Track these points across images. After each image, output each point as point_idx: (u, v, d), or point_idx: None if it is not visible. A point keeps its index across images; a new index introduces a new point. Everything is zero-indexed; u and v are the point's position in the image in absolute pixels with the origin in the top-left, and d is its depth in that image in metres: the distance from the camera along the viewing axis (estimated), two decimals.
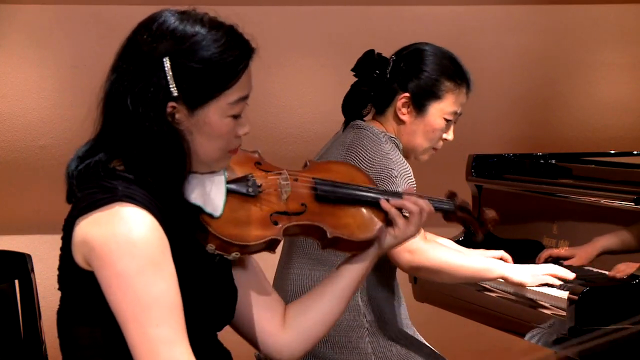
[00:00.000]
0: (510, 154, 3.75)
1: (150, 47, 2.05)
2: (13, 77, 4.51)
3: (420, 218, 2.29)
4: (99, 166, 2.05)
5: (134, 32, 2.12)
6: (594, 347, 2.77)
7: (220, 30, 2.08)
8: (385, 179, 2.92)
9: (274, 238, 2.14)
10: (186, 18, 2.09)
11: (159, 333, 1.93)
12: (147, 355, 1.93)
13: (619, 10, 4.94)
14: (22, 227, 4.56)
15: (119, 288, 1.94)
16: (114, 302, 1.95)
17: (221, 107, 2.06)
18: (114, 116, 2.07)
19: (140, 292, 1.93)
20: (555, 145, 4.84)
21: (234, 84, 2.06)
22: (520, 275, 3.03)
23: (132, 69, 2.06)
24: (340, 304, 2.26)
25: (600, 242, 3.10)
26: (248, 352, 2.53)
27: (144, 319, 1.93)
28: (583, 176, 3.39)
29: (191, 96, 2.04)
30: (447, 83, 3.09)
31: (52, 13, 4.52)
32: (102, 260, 1.95)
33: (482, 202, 3.64)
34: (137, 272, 1.93)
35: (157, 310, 1.94)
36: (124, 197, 1.98)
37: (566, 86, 4.97)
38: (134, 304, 1.93)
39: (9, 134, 4.52)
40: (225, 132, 2.08)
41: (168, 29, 2.07)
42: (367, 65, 3.11)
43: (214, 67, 2.04)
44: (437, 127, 3.09)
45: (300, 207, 2.21)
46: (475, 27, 4.84)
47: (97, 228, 1.96)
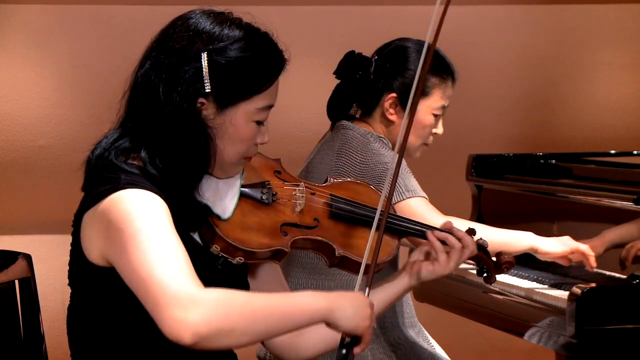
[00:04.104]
0: (510, 154, 3.75)
1: (187, 41, 2.06)
2: (13, 77, 4.51)
3: (460, 256, 2.25)
4: (107, 158, 2.05)
5: (169, 27, 2.12)
6: (594, 347, 2.77)
7: (256, 35, 2.10)
8: (381, 173, 2.91)
9: (280, 249, 2.12)
10: (222, 19, 2.10)
11: (166, 271, 1.87)
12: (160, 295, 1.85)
13: (619, 10, 4.94)
14: (22, 227, 4.56)
15: (135, 243, 1.90)
16: (127, 262, 1.90)
17: (249, 111, 2.07)
18: (142, 105, 2.07)
19: (152, 240, 1.90)
20: (555, 145, 4.84)
21: (265, 90, 2.08)
22: (550, 245, 2.99)
23: (167, 61, 2.06)
24: None
25: (608, 235, 3.08)
26: (248, 352, 2.53)
27: (153, 262, 1.88)
28: (583, 176, 3.39)
29: (223, 94, 2.05)
30: (433, 79, 3.06)
31: (52, 13, 4.52)
32: (119, 225, 1.92)
33: (482, 202, 3.64)
34: (150, 225, 1.91)
35: (168, 254, 1.90)
36: (126, 184, 1.98)
37: (566, 86, 4.97)
38: (146, 253, 1.89)
39: (8, 134, 4.52)
40: (248, 137, 2.09)
41: (205, 28, 2.08)
42: (349, 66, 3.07)
43: (249, 68, 2.06)
44: (427, 123, 3.07)
45: (312, 221, 2.19)
46: (475, 27, 4.84)
47: (107, 210, 1.96)
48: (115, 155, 2.05)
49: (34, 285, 2.66)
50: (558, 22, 4.94)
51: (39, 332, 2.63)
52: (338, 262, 2.20)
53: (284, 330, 1.95)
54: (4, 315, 2.59)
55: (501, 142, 4.81)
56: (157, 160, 2.04)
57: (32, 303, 2.63)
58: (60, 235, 4.51)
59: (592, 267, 2.99)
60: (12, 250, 2.72)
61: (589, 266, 2.99)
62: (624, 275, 2.90)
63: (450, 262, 2.24)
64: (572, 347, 2.78)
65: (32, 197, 4.56)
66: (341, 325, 1.98)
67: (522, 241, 3.00)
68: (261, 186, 2.17)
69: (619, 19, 4.94)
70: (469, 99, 4.73)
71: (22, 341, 2.62)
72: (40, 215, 4.56)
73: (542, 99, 4.96)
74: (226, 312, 1.85)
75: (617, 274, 2.95)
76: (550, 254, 2.99)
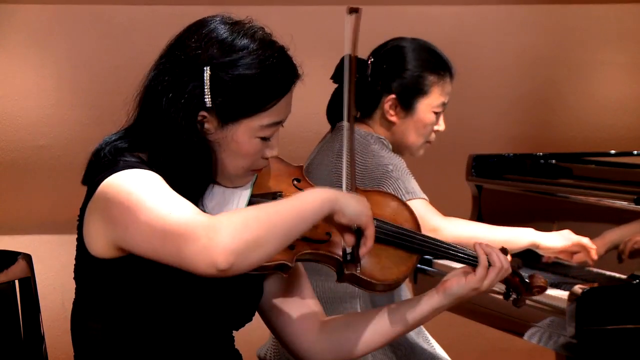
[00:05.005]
0: (510, 154, 3.75)
1: (195, 52, 2.03)
2: (13, 77, 4.51)
3: (497, 274, 2.15)
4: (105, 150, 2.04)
5: (183, 32, 2.08)
6: (594, 347, 2.77)
7: (269, 50, 2.05)
8: (381, 175, 2.91)
9: (284, 263, 2.05)
10: (238, 30, 2.06)
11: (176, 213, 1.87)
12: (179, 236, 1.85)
13: (619, 10, 4.94)
14: (22, 227, 4.56)
15: (139, 207, 1.90)
16: (137, 228, 1.90)
17: (252, 128, 2.04)
18: (146, 111, 2.06)
19: (154, 198, 1.90)
20: (555, 145, 4.84)
21: (270, 108, 2.04)
22: (551, 239, 2.98)
23: (172, 71, 2.04)
24: (381, 338, 2.17)
25: (609, 236, 3.08)
26: (249, 352, 2.53)
27: (162, 213, 1.88)
28: (583, 176, 3.39)
29: (224, 110, 2.02)
30: (431, 77, 3.06)
31: (52, 13, 4.52)
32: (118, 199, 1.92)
33: (482, 202, 3.64)
34: (148, 187, 1.92)
35: (173, 201, 1.90)
36: (124, 167, 1.98)
37: (566, 86, 4.97)
38: (152, 210, 1.89)
39: (8, 134, 4.52)
40: (252, 153, 2.06)
41: (217, 38, 2.04)
42: None
43: (253, 87, 2.02)
44: (428, 121, 3.07)
45: (324, 235, 2.11)
46: (475, 27, 4.84)
47: (104, 192, 1.96)
48: (114, 150, 2.04)
49: (34, 285, 2.65)
50: (558, 22, 4.94)
51: (39, 332, 2.63)
52: (348, 279, 2.11)
53: (301, 228, 1.93)
54: (4, 315, 2.59)
55: (501, 142, 4.81)
56: (158, 167, 2.03)
57: (32, 303, 2.63)
58: (60, 235, 4.52)
59: (593, 261, 2.99)
60: (12, 250, 2.72)
61: (590, 259, 2.99)
62: (624, 275, 2.90)
63: (487, 279, 2.14)
64: (572, 347, 2.78)
65: (32, 197, 4.56)
66: (347, 213, 1.97)
67: (523, 238, 3.00)
68: (271, 196, 2.12)
69: (619, 19, 4.94)
70: (469, 99, 4.73)
71: (22, 341, 2.61)
72: (40, 215, 4.56)
73: (542, 99, 4.96)
74: (245, 225, 1.85)
75: (617, 274, 2.95)
76: (552, 249, 2.99)
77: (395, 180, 2.90)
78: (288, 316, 2.19)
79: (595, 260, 2.99)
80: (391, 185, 2.90)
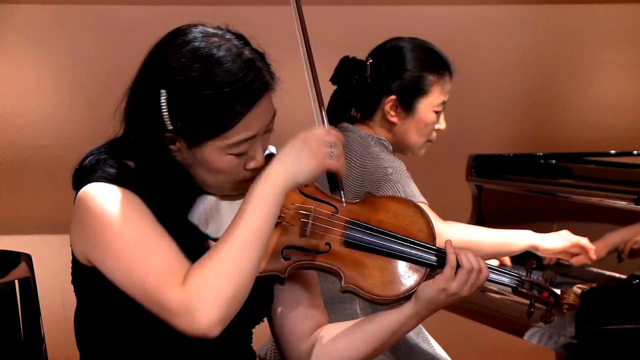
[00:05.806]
0: (510, 154, 3.75)
1: (158, 71, 1.96)
2: (12, 77, 4.51)
3: (467, 275, 2.04)
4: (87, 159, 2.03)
5: (160, 41, 2.01)
6: (594, 347, 2.77)
7: (239, 61, 1.95)
8: (380, 178, 2.91)
9: (276, 274, 2.00)
10: (212, 40, 1.96)
11: (153, 281, 1.87)
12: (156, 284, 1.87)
13: (619, 10, 4.94)
14: (22, 227, 4.56)
15: (113, 234, 1.89)
16: (110, 259, 1.90)
17: (219, 147, 1.95)
18: (125, 125, 2.04)
19: (130, 230, 1.89)
20: (555, 145, 4.84)
21: (235, 125, 1.93)
22: (550, 241, 2.98)
23: (139, 88, 1.99)
24: (369, 348, 2.10)
25: (610, 238, 3.08)
26: None
27: (137, 273, 1.88)
28: (583, 176, 3.39)
29: (186, 134, 1.94)
30: (431, 76, 3.05)
31: (51, 13, 4.52)
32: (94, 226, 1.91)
33: (482, 202, 3.64)
34: (122, 214, 1.90)
35: (153, 242, 1.89)
36: (101, 178, 1.95)
37: (566, 86, 4.97)
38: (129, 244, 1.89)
39: (8, 134, 4.52)
40: (227, 169, 1.98)
41: (176, 56, 1.95)
42: (344, 72, 3.06)
43: (214, 106, 1.92)
44: (429, 121, 3.07)
45: (324, 246, 2.02)
46: (475, 27, 4.84)
47: (80, 205, 1.95)
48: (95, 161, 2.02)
49: (34, 286, 2.65)
50: (558, 22, 4.94)
51: (39, 332, 2.63)
52: (348, 291, 2.05)
53: (267, 237, 1.90)
54: (4, 315, 2.59)
55: (501, 142, 4.81)
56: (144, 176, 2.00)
57: (32, 303, 2.63)
58: (60, 235, 4.51)
59: (592, 261, 2.99)
60: (12, 250, 2.72)
61: (589, 259, 2.99)
62: (624, 275, 2.90)
63: (456, 280, 2.02)
64: (572, 347, 2.78)
65: (32, 197, 4.56)
66: (303, 177, 1.93)
67: (522, 240, 2.99)
68: None
69: (619, 19, 4.94)
70: (469, 99, 4.73)
71: (22, 341, 2.61)
72: (40, 215, 4.56)
73: (542, 99, 4.96)
74: (217, 287, 1.85)
75: (617, 274, 2.95)
76: (551, 250, 2.99)
77: (394, 183, 2.90)
78: (281, 324, 2.16)
79: (594, 260, 2.99)
80: (390, 189, 2.90)
